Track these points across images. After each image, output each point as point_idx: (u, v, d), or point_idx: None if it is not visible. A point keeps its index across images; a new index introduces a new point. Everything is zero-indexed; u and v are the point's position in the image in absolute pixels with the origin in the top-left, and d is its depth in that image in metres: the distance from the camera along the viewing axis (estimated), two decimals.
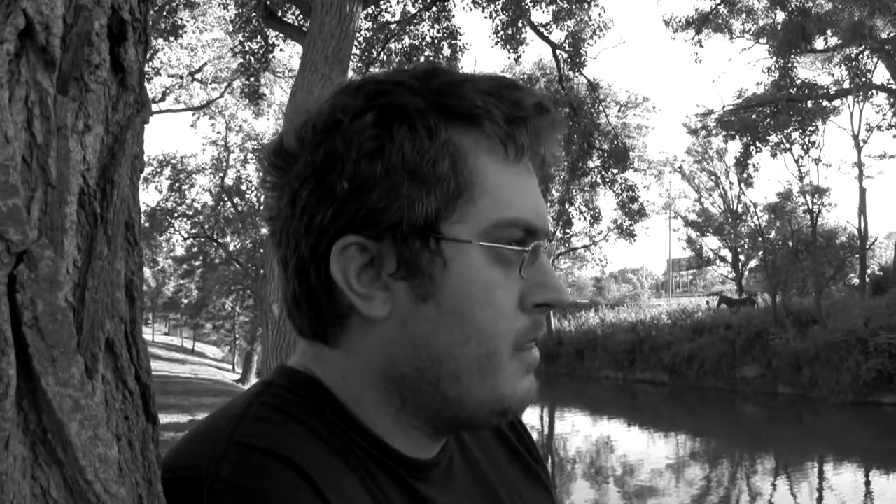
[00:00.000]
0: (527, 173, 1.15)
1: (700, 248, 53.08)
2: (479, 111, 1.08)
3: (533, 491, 1.38)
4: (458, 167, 1.08)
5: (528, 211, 1.12)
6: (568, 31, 26.87)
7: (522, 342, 1.13)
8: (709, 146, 47.32)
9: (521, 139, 1.11)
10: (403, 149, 1.06)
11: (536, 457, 1.45)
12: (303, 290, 1.12)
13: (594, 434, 30.02)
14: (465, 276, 1.07)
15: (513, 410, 1.15)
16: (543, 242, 1.14)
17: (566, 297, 1.17)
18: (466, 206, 1.08)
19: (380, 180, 1.05)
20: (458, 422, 1.15)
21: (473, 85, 1.10)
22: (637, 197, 38.03)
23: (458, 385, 1.10)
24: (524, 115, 1.12)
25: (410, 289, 1.08)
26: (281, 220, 1.13)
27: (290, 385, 1.14)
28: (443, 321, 1.08)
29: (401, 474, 1.12)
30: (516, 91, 1.12)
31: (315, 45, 11.55)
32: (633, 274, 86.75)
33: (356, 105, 1.08)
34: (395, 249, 1.07)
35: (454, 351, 1.09)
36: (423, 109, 1.07)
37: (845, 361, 30.76)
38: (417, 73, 1.12)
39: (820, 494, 19.53)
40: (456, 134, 1.09)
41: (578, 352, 46.70)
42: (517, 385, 1.14)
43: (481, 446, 1.35)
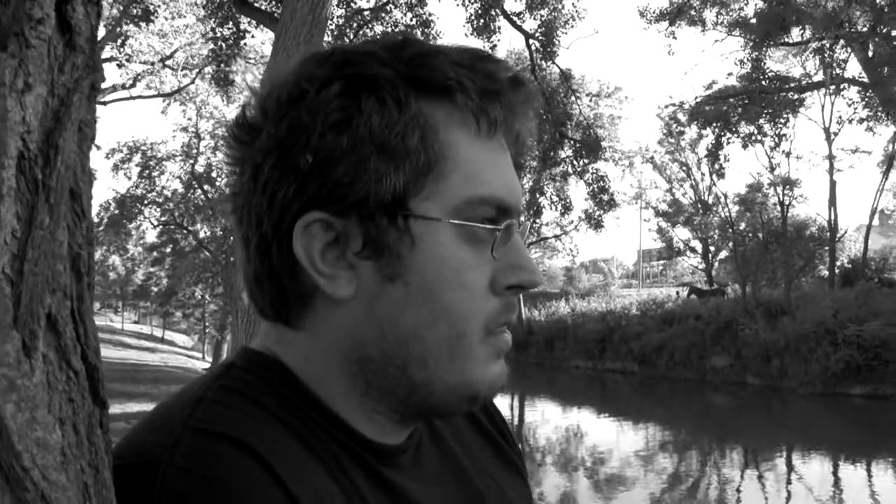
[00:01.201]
0: (500, 149, 1.11)
1: (670, 239, 53.40)
2: (452, 83, 1.04)
3: (507, 476, 1.34)
4: (429, 141, 1.03)
5: (500, 188, 1.07)
6: (541, 21, 26.87)
7: (494, 325, 1.08)
8: (681, 137, 47.54)
9: (495, 113, 1.07)
10: (371, 121, 1.01)
11: (511, 442, 1.41)
12: (265, 269, 1.07)
13: (564, 423, 30.13)
14: (434, 256, 1.03)
15: (482, 396, 1.11)
16: (517, 221, 1.10)
17: (540, 278, 1.12)
18: (436, 182, 1.03)
19: (346, 154, 1.00)
20: (426, 407, 1.11)
21: (446, 56, 1.06)
22: (607, 187, 38.17)
23: (425, 369, 1.06)
24: (498, 89, 1.07)
25: (377, 268, 1.04)
26: (242, 195, 1.08)
27: (252, 367, 1.09)
28: (410, 302, 1.03)
29: (367, 459, 1.08)
30: (490, 63, 1.08)
31: (287, 31, 11.49)
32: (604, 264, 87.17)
33: (323, 75, 1.03)
34: (362, 227, 1.02)
35: (422, 333, 1.04)
36: (392, 80, 1.02)
37: (814, 352, 30.95)
38: (388, 43, 1.07)
39: (788, 484, 19.64)
40: (427, 106, 1.04)
41: (548, 341, 46.87)
42: (487, 370, 1.09)
43: (453, 431, 1.30)
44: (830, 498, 18.30)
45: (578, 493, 19.18)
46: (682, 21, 32.90)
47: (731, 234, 41.31)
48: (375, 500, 1.05)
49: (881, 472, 20.84)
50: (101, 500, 0.78)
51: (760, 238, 39.64)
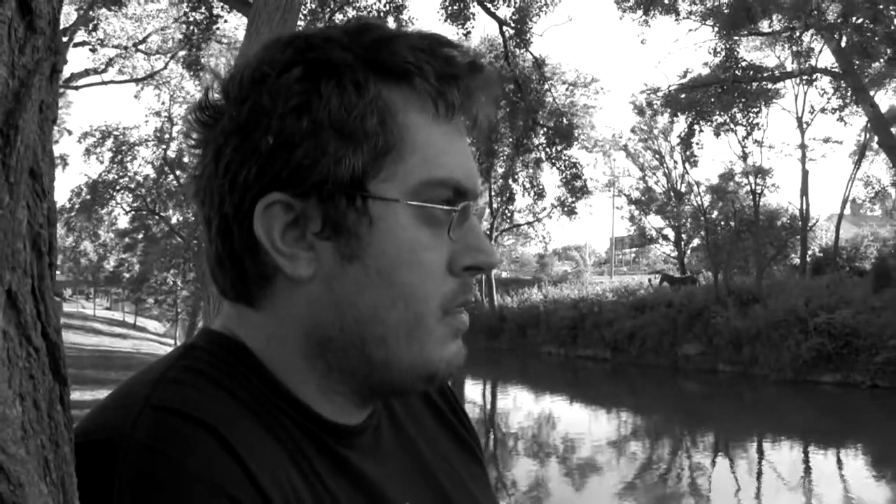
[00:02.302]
0: (458, 133, 1.12)
1: (643, 227, 53.50)
2: (411, 67, 1.06)
3: (463, 459, 1.36)
4: (387, 124, 1.05)
5: (457, 171, 1.09)
6: (515, 8, 26.84)
7: (451, 306, 1.11)
8: (654, 125, 47.61)
9: (453, 97, 1.08)
10: (330, 104, 1.02)
11: (468, 427, 1.42)
12: (226, 250, 1.09)
13: (536, 410, 30.19)
14: (391, 236, 1.05)
15: (440, 375, 1.13)
16: (473, 203, 1.11)
17: (496, 259, 1.15)
18: (395, 164, 1.05)
19: (306, 136, 1.02)
20: (385, 387, 1.13)
21: (406, 41, 1.07)
22: (580, 174, 38.23)
23: (384, 348, 1.07)
24: (456, 73, 1.09)
25: (336, 248, 1.05)
26: (205, 178, 1.09)
27: (213, 348, 1.10)
28: (369, 282, 1.05)
29: (325, 440, 1.10)
30: (450, 49, 1.10)
31: (260, 16, 11.45)
32: (577, 251, 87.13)
33: (284, 59, 1.05)
34: (321, 208, 1.04)
35: (380, 313, 1.06)
36: (352, 64, 1.05)
37: (785, 340, 31.10)
38: (349, 28, 1.09)
39: (759, 471, 19.75)
40: (386, 90, 1.06)
41: (521, 328, 46.88)
42: (444, 350, 1.11)
43: (410, 414, 1.32)
44: (801, 484, 18.41)
45: (550, 479, 19.22)
46: (655, 10, 32.87)
47: (704, 223, 41.44)
48: (332, 479, 1.07)
49: (851, 458, 20.97)
50: (60, 474, 0.79)
51: (732, 226, 39.79)
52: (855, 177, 44.93)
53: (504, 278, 62.16)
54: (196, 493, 0.91)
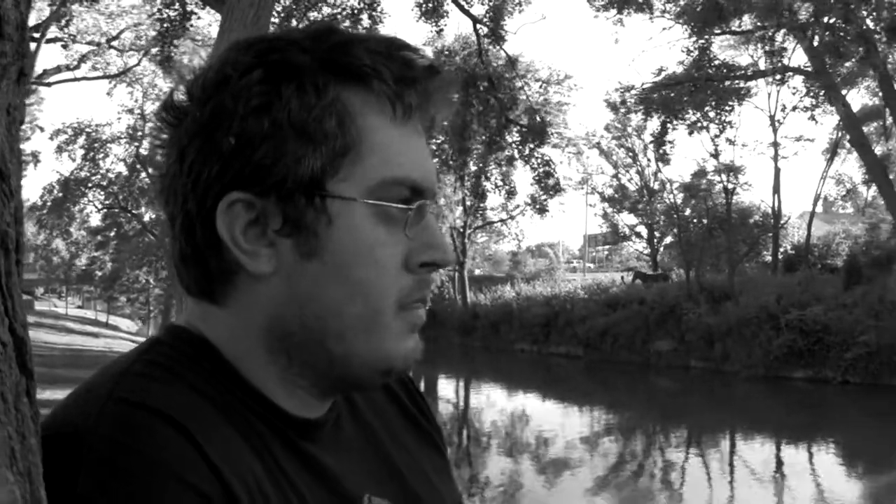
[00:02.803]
0: (415, 134, 1.15)
1: (616, 224, 53.56)
2: (369, 70, 1.08)
3: (424, 451, 1.38)
4: (346, 125, 1.07)
5: (414, 170, 1.12)
6: (489, 6, 26.83)
7: (407, 301, 1.13)
8: (627, 123, 47.65)
9: (410, 99, 1.11)
10: (290, 106, 1.05)
11: (430, 419, 1.44)
12: (189, 247, 1.11)
13: (510, 407, 30.21)
14: (349, 234, 1.07)
15: (397, 369, 1.16)
16: (430, 202, 1.14)
17: (451, 256, 1.18)
18: (353, 164, 1.08)
19: (266, 137, 1.05)
20: (344, 380, 1.16)
21: (365, 45, 1.10)
22: (553, 172, 38.21)
23: (342, 343, 1.10)
24: (414, 76, 1.11)
25: (295, 246, 1.07)
26: (169, 176, 1.11)
27: (177, 343, 1.12)
28: (327, 278, 1.08)
29: (287, 433, 1.12)
30: (407, 52, 1.12)
31: (233, 13, 11.41)
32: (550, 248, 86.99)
33: (246, 61, 1.08)
34: (281, 206, 1.06)
35: (339, 308, 1.09)
36: (312, 67, 1.07)
37: (757, 337, 31.27)
38: (311, 31, 1.12)
39: (732, 466, 19.84)
40: (345, 92, 1.08)
41: (494, 325, 46.83)
42: (401, 344, 1.14)
43: (372, 407, 1.34)
44: (773, 479, 18.51)
45: (524, 476, 19.24)
46: (629, 9, 32.87)
47: (676, 220, 41.55)
48: (293, 471, 1.09)
49: (822, 453, 21.09)
50: (27, 464, 0.81)
51: (705, 224, 39.92)
52: (827, 175, 45.18)
53: (477, 276, 62.02)
54: (159, 483, 0.93)
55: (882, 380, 27.22)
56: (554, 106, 44.70)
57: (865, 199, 52.11)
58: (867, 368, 27.63)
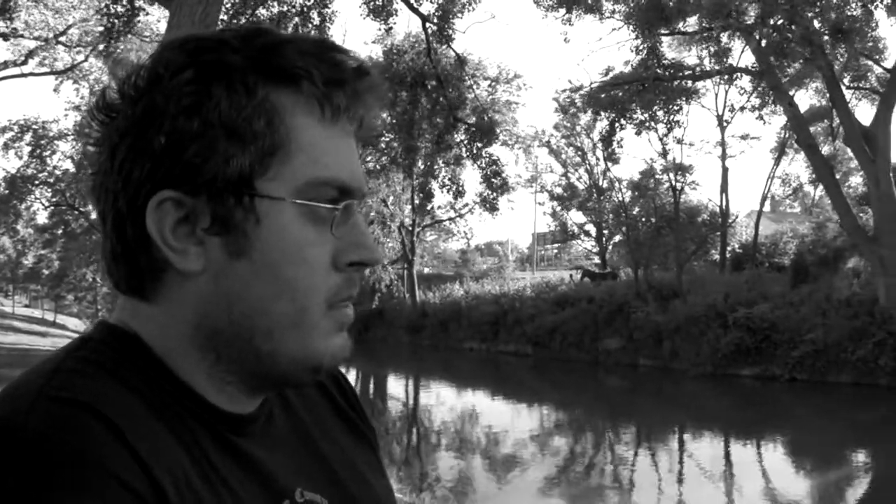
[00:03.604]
0: (344, 135, 1.17)
1: (565, 222, 53.80)
2: (299, 71, 1.11)
3: (356, 447, 1.40)
4: (275, 125, 1.09)
5: (342, 171, 1.14)
6: (438, 4, 26.83)
7: (335, 300, 1.16)
8: (576, 122, 47.87)
9: (339, 100, 1.14)
10: (220, 105, 1.07)
11: (363, 416, 1.47)
12: (120, 245, 1.12)
13: (459, 405, 30.30)
14: (277, 233, 1.10)
15: (325, 367, 1.18)
16: (357, 202, 1.17)
17: (378, 255, 1.21)
18: (281, 164, 1.10)
19: (196, 136, 1.06)
20: (272, 377, 1.18)
21: (295, 46, 1.13)
22: (501, 171, 38.36)
23: (270, 341, 1.12)
24: (343, 78, 1.14)
25: (224, 244, 1.09)
26: (101, 174, 1.13)
27: (108, 340, 1.13)
28: (255, 277, 1.10)
29: (218, 429, 1.13)
30: (337, 54, 1.15)
31: (181, 9, 11.37)
32: (499, 247, 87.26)
33: (178, 61, 1.09)
34: (210, 205, 1.08)
35: (266, 306, 1.11)
36: (242, 67, 1.09)
37: (705, 335, 31.58)
38: (242, 31, 1.14)
39: (681, 463, 19.99)
40: (274, 93, 1.10)
41: (443, 323, 46.98)
42: (329, 342, 1.16)
43: (305, 403, 1.36)
44: (722, 476, 18.65)
45: (474, 474, 19.28)
46: (579, 9, 32.95)
47: (625, 219, 41.80)
48: (224, 466, 1.10)
49: (770, 450, 21.30)
50: None
51: (653, 223, 40.20)
52: (774, 174, 45.63)
53: (426, 274, 62.18)
54: (88, 479, 0.93)
55: (829, 377, 27.57)
56: (503, 105, 44.86)
57: (812, 198, 52.67)
58: (814, 366, 27.96)
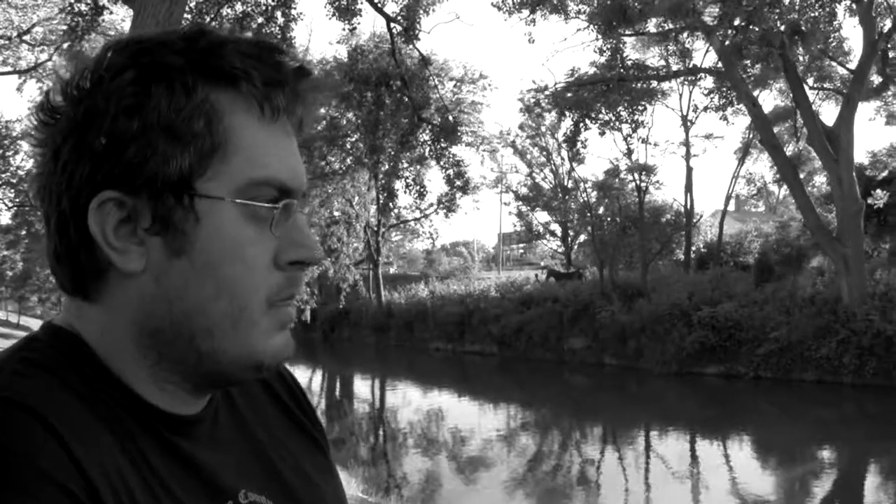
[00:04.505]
0: (284, 134, 1.18)
1: (530, 222, 53.87)
2: (238, 72, 1.12)
3: (304, 448, 1.41)
4: (214, 125, 1.10)
5: (282, 171, 1.15)
6: (402, 4, 26.83)
7: (276, 298, 1.17)
8: (542, 122, 47.94)
9: (278, 101, 1.15)
10: (160, 106, 1.08)
11: (313, 419, 1.48)
12: (63, 246, 1.13)
13: (425, 405, 30.28)
14: (217, 232, 1.11)
15: (266, 365, 1.18)
16: (297, 202, 1.18)
17: (319, 254, 1.21)
18: (221, 164, 1.11)
19: (136, 137, 1.07)
20: (214, 376, 1.18)
21: (236, 47, 1.14)
22: (463, 172, 38.42)
23: (211, 340, 1.13)
24: (282, 78, 1.16)
25: (164, 244, 1.10)
26: (44, 175, 1.14)
27: (52, 340, 1.15)
28: (195, 276, 1.11)
29: (160, 430, 1.14)
30: (277, 55, 1.17)
31: (145, 9, 11.32)
32: (465, 247, 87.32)
33: (119, 62, 1.10)
34: (151, 205, 1.09)
35: (206, 306, 1.12)
36: (182, 68, 1.10)
37: (670, 334, 31.72)
38: (183, 33, 1.15)
39: (647, 462, 20.07)
40: (214, 94, 1.11)
41: (408, 324, 46.86)
42: (270, 341, 1.17)
43: (251, 403, 1.37)
44: (688, 473, 18.74)
45: (441, 474, 19.31)
46: (543, 10, 32.97)
47: (590, 219, 41.88)
48: (165, 468, 1.12)
49: (735, 447, 21.43)
50: None
51: (618, 222, 40.33)
52: (738, 174, 45.88)
53: (392, 274, 62.20)
54: (24, 480, 0.94)
55: (793, 374, 27.75)
56: (468, 105, 44.86)
57: (777, 197, 53.03)
58: (778, 363, 28.14)
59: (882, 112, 40.42)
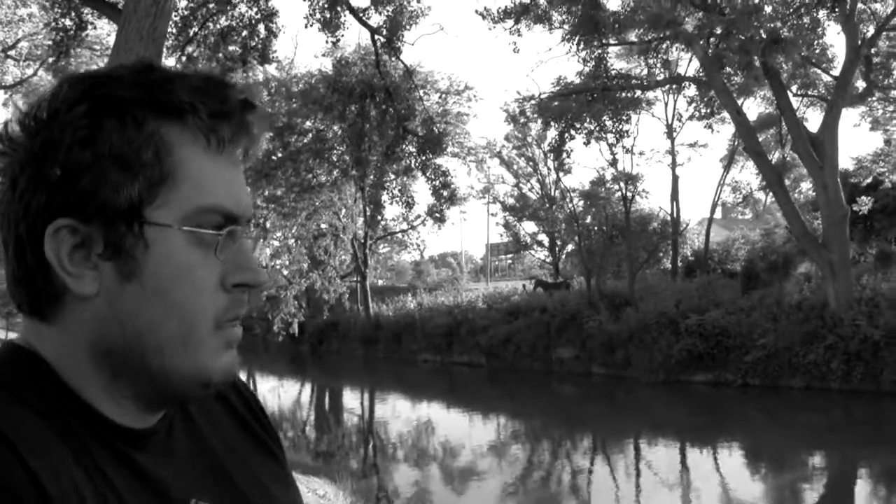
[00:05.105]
0: (230, 164, 1.25)
1: (517, 233, 53.88)
2: (186, 106, 1.18)
3: (261, 461, 1.47)
4: (162, 156, 1.16)
5: (227, 199, 1.21)
6: (386, 16, 26.87)
7: (223, 319, 1.23)
8: (528, 133, 47.97)
9: (223, 133, 1.21)
10: (111, 138, 1.14)
11: (267, 428, 1.55)
12: (21, 270, 1.19)
13: (415, 417, 30.29)
14: (165, 257, 1.16)
15: (214, 382, 1.24)
16: (242, 228, 1.24)
17: (262, 277, 1.27)
18: (169, 193, 1.16)
19: (89, 167, 1.13)
20: (165, 393, 1.24)
21: (184, 82, 1.20)
22: (449, 183, 38.43)
23: (161, 358, 1.18)
24: (228, 111, 1.22)
25: (116, 268, 1.16)
26: (3, 203, 1.19)
27: (11, 358, 1.20)
28: (146, 299, 1.16)
29: (115, 443, 1.19)
30: (224, 89, 1.23)
31: (129, 23, 11.32)
32: (453, 258, 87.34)
33: (74, 95, 1.16)
34: (103, 232, 1.15)
35: (157, 327, 1.17)
36: (133, 102, 1.16)
37: (657, 342, 31.74)
38: (135, 67, 1.21)
39: (637, 470, 20.08)
40: (163, 127, 1.17)
41: (396, 335, 46.74)
42: (218, 359, 1.23)
43: (206, 415, 1.43)
44: (678, 481, 18.76)
45: (431, 485, 19.30)
46: (528, 20, 32.97)
47: (577, 228, 41.90)
48: (121, 479, 1.17)
49: (724, 454, 21.45)
50: None
51: (605, 232, 40.37)
52: (724, 182, 45.99)
53: (380, 286, 62.14)
54: None
55: (781, 381, 27.78)
56: (454, 116, 44.85)
57: (764, 204, 53.18)
58: (766, 370, 28.18)
59: (866, 118, 40.49)
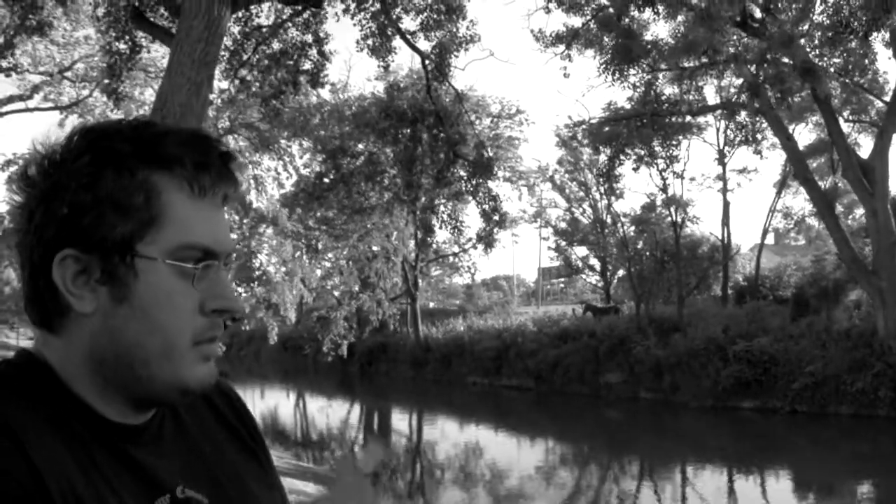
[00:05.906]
0: (212, 207, 1.48)
1: (569, 257, 53.59)
2: (173, 158, 1.43)
3: (245, 461, 1.70)
4: (152, 201, 1.40)
5: (206, 237, 1.45)
6: (436, 42, 26.91)
7: (200, 338, 1.45)
8: (580, 157, 47.79)
9: (205, 181, 1.45)
10: (109, 185, 1.38)
11: (254, 434, 1.78)
12: (33, 290, 1.43)
13: (463, 439, 30.20)
14: (152, 285, 1.40)
15: (192, 390, 1.46)
16: (219, 262, 1.48)
17: (237, 305, 1.50)
18: (157, 232, 1.40)
19: (91, 208, 1.37)
20: (150, 397, 1.46)
21: (174, 137, 1.45)
22: (500, 207, 38.33)
23: (147, 368, 1.41)
24: (209, 162, 1.46)
25: (111, 292, 1.39)
26: (22, 233, 1.43)
27: (22, 363, 1.44)
28: (134, 318, 1.39)
29: (109, 437, 1.42)
30: (207, 143, 1.48)
31: (182, 48, 11.52)
32: (505, 281, 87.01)
33: (80, 147, 1.41)
34: (100, 261, 1.38)
35: (143, 342, 1.40)
36: (128, 154, 1.40)
37: (705, 368, 31.55)
38: (132, 124, 1.46)
39: (684, 496, 19.99)
40: (154, 175, 1.41)
41: (446, 357, 46.72)
42: (195, 371, 1.45)
43: (196, 420, 1.66)
44: None
45: None
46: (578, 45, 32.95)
47: (628, 253, 41.76)
48: (112, 470, 1.39)
49: (772, 481, 21.29)
50: None
51: (656, 257, 40.21)
52: (775, 207, 45.60)
53: (431, 309, 61.88)
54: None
55: (829, 408, 27.57)
56: (505, 140, 44.87)
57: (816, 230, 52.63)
58: (814, 398, 27.96)
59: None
